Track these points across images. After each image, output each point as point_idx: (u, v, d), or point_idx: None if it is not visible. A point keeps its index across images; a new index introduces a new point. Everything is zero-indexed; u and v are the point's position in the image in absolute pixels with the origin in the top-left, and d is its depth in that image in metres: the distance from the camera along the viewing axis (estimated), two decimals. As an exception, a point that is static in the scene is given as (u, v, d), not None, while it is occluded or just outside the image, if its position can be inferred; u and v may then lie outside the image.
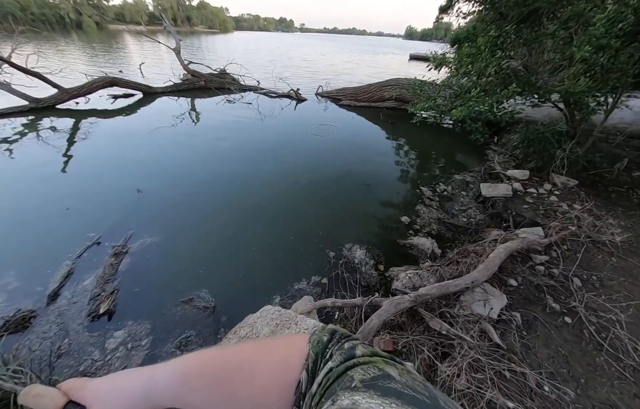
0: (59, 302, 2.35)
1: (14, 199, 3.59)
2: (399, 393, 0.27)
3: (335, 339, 0.37)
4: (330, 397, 0.29)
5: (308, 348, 0.36)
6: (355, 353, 0.34)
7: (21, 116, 6.48)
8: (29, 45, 8.47)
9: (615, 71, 3.07)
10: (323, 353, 0.35)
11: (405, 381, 0.29)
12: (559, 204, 3.50)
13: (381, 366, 0.31)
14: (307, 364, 0.35)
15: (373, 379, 0.29)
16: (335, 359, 0.34)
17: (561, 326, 2.07)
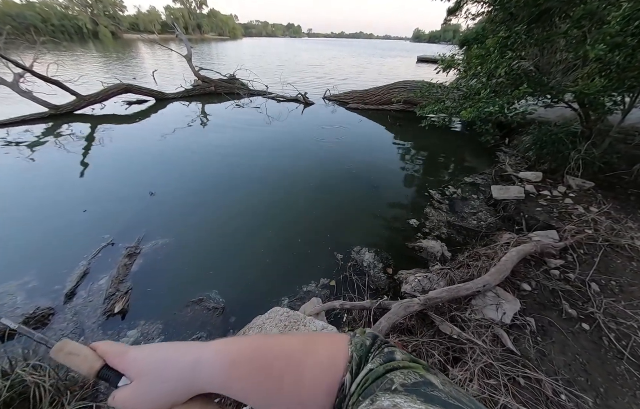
0: (76, 301, 2.43)
1: (35, 202, 3.75)
2: (443, 402, 0.26)
3: (377, 344, 0.37)
4: (369, 397, 0.28)
5: (351, 350, 0.36)
6: (395, 357, 0.33)
7: (42, 122, 6.77)
8: (49, 55, 8.88)
9: (632, 70, 2.98)
10: (366, 357, 0.35)
11: (449, 391, 0.27)
12: (575, 207, 3.39)
13: (422, 373, 0.30)
14: (351, 366, 0.34)
15: (415, 385, 0.28)
16: (374, 361, 0.33)
17: (578, 333, 2.00)
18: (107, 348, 0.40)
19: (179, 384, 0.36)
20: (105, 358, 0.39)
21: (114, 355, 0.39)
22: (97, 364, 0.39)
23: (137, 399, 0.36)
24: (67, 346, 0.39)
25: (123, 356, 0.39)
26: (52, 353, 0.39)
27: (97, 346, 0.40)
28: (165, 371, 0.37)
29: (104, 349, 0.40)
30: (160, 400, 0.37)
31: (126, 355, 0.39)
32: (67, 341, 0.40)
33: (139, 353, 0.39)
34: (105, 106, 8.15)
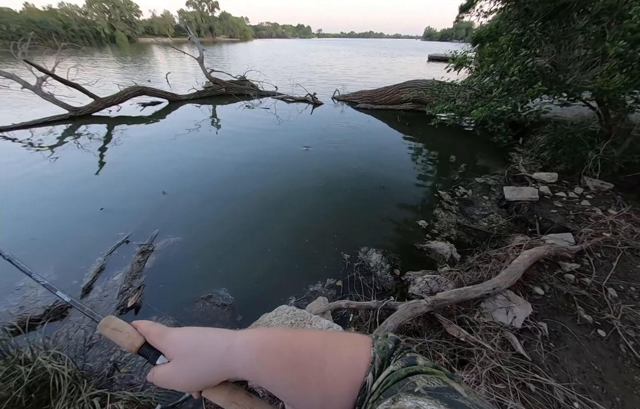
0: (92, 295, 2.54)
1: (55, 199, 3.93)
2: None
3: (399, 348, 0.38)
4: (391, 396, 0.29)
5: (373, 352, 0.36)
6: (417, 362, 0.34)
7: (62, 124, 7.09)
8: (69, 59, 9.29)
9: (656, 66, 2.84)
10: (388, 360, 0.35)
11: (474, 400, 0.27)
12: (592, 209, 3.27)
13: (445, 380, 0.30)
14: (373, 367, 0.35)
15: (438, 390, 0.28)
16: (396, 364, 0.34)
17: (594, 339, 1.93)
18: (148, 327, 0.43)
19: (213, 367, 0.39)
20: (146, 337, 0.43)
21: (155, 335, 0.42)
22: (138, 342, 0.42)
23: (174, 377, 0.40)
24: (113, 323, 0.43)
25: (163, 336, 0.42)
26: (99, 327, 0.43)
27: (138, 324, 0.44)
28: (201, 354, 0.39)
29: (145, 328, 0.43)
30: (195, 380, 0.40)
31: (166, 336, 0.42)
32: (113, 317, 0.44)
33: (177, 335, 0.42)
34: (121, 108, 8.43)
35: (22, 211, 3.68)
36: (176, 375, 0.40)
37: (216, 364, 0.39)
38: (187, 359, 0.40)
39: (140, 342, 0.42)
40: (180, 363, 0.40)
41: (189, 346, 0.40)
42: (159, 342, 0.42)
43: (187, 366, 0.39)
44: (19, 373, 1.37)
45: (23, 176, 4.56)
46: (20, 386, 1.35)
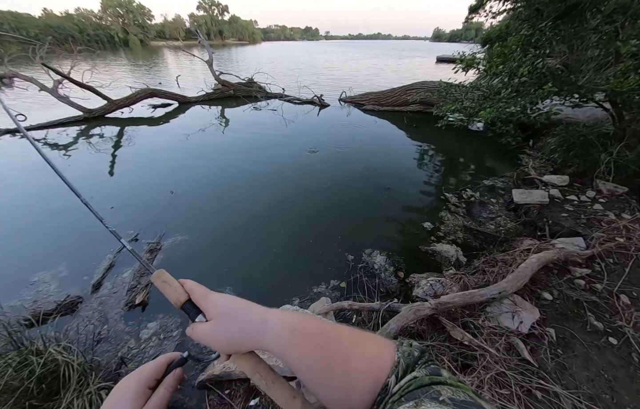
0: (102, 291, 2.61)
1: (69, 198, 4.04)
2: None
3: (425, 358, 0.38)
4: (413, 399, 0.29)
5: (398, 356, 0.37)
6: (442, 373, 0.34)
7: (76, 125, 7.32)
8: (84, 62, 9.58)
9: (672, 66, 2.75)
10: (413, 367, 0.36)
11: None
12: (605, 213, 3.17)
13: (472, 395, 0.29)
14: (397, 370, 0.35)
15: (464, 403, 0.27)
16: (420, 371, 0.34)
17: (604, 347, 1.87)
18: (193, 286, 0.47)
19: (247, 335, 0.42)
20: (190, 294, 0.46)
21: (198, 294, 0.46)
22: (183, 298, 0.46)
23: (211, 335, 0.43)
24: (164, 276, 0.47)
25: (205, 297, 0.46)
26: (152, 278, 0.47)
27: (184, 282, 0.47)
28: (238, 321, 0.42)
29: (190, 286, 0.47)
30: (229, 342, 0.43)
31: (208, 297, 0.46)
32: (164, 271, 0.48)
33: (218, 298, 0.45)
34: (133, 109, 8.65)
35: (37, 208, 3.81)
36: (213, 334, 0.43)
37: (250, 333, 0.41)
38: (225, 323, 0.43)
39: (185, 298, 0.46)
40: (219, 325, 0.43)
41: (228, 311, 0.43)
42: (202, 301, 0.45)
43: (225, 328, 0.42)
44: (31, 364, 1.43)
45: (36, 174, 4.73)
46: (32, 377, 1.41)
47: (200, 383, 1.89)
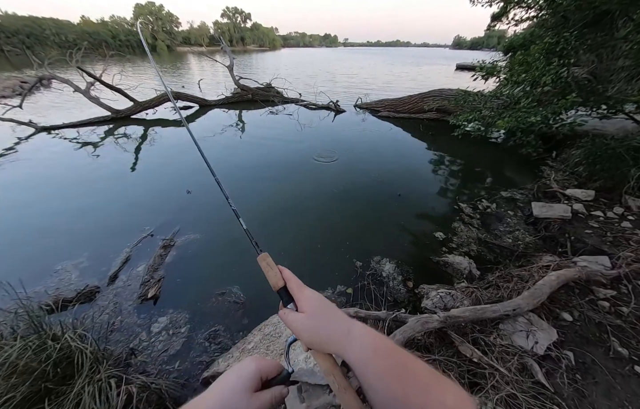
0: (117, 283, 2.73)
1: (93, 193, 4.29)
2: None
3: None
4: None
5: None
6: None
7: (104, 125, 7.78)
8: (115, 66, 10.22)
9: None
10: None
11: None
12: (634, 232, 2.96)
13: None
14: None
15: None
16: None
17: (629, 376, 1.73)
18: (290, 276, 0.52)
19: (332, 340, 0.44)
20: (287, 282, 0.51)
21: (294, 285, 0.51)
22: (280, 283, 0.51)
23: (302, 327, 0.46)
24: (268, 259, 0.54)
25: (301, 290, 0.50)
26: (259, 258, 0.54)
27: (282, 269, 0.53)
28: (327, 323, 0.46)
29: (288, 275, 0.52)
30: (315, 340, 0.46)
31: (303, 291, 0.50)
32: (268, 255, 0.54)
33: (312, 295, 0.49)
34: (157, 111, 9.08)
35: (63, 200, 4.06)
36: (304, 327, 0.46)
37: (334, 339, 0.44)
38: (315, 321, 0.46)
39: (282, 284, 0.51)
40: (310, 321, 0.46)
41: (320, 312, 0.47)
42: (296, 292, 0.50)
43: (314, 326, 0.46)
44: (49, 348, 1.51)
45: (67, 169, 5.05)
46: (49, 360, 1.49)
47: (204, 380, 1.93)
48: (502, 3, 5.26)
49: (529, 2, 4.79)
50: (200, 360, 2.12)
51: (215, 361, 1.99)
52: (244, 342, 2.05)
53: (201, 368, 2.06)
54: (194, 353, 2.18)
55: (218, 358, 2.01)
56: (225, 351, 2.11)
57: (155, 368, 2.05)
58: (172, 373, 2.03)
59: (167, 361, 2.12)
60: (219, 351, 2.17)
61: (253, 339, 2.02)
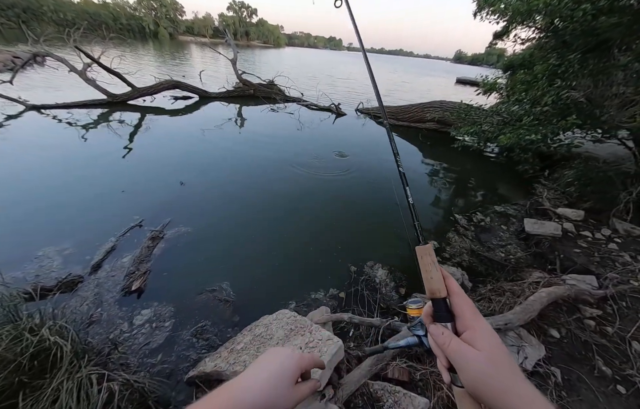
0: (100, 274, 2.62)
1: (84, 177, 4.16)
2: None
3: None
4: None
5: None
6: None
7: (100, 108, 7.58)
8: (115, 49, 10.00)
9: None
10: None
11: None
12: (620, 254, 3.03)
13: None
14: None
15: None
16: None
17: (612, 395, 1.76)
18: (457, 288, 0.42)
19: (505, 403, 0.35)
20: (453, 297, 0.42)
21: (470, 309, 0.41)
22: (443, 293, 0.41)
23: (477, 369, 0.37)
24: (433, 255, 0.43)
25: (476, 318, 0.40)
26: (419, 249, 0.44)
27: (447, 276, 0.43)
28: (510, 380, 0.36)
29: (455, 288, 0.42)
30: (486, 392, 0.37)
31: (479, 320, 0.40)
32: (432, 248, 0.43)
33: (490, 332, 0.39)
34: (155, 98, 8.91)
35: (51, 182, 3.93)
36: (478, 366, 0.37)
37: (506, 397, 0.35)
38: (497, 370, 0.36)
39: (445, 294, 0.41)
40: (490, 365, 0.37)
41: (505, 365, 0.37)
42: (471, 319, 0.40)
43: (493, 375, 0.36)
44: (26, 340, 1.43)
45: (55, 150, 4.89)
46: (26, 353, 1.41)
47: (189, 379, 1.87)
48: (506, 23, 5.36)
49: (531, 24, 4.89)
50: (187, 356, 2.06)
51: (202, 360, 1.93)
52: (232, 342, 2.00)
53: (187, 365, 2.00)
54: (179, 348, 2.11)
55: (205, 358, 1.95)
56: (213, 349, 2.05)
57: (137, 360, 1.98)
58: (155, 367, 1.97)
59: (149, 354, 2.05)
60: (206, 349, 2.11)
61: (243, 339, 1.97)
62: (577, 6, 3.24)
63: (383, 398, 1.68)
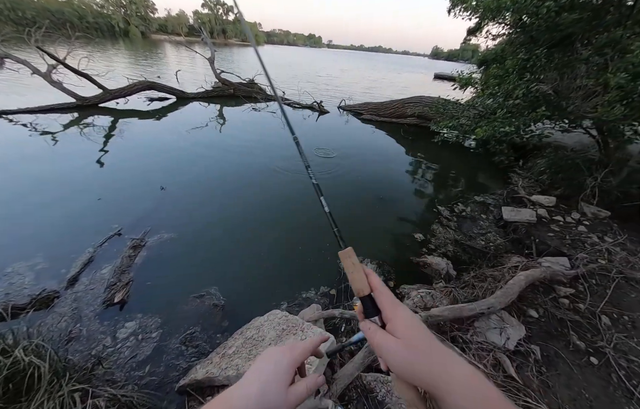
0: (77, 287, 2.48)
1: (53, 187, 3.91)
2: None
3: None
4: None
5: None
6: None
7: (68, 112, 7.13)
8: (82, 49, 9.41)
9: (656, 99, 2.89)
10: None
11: None
12: (588, 235, 3.27)
13: None
14: None
15: None
16: None
17: (585, 367, 1.90)
18: (380, 286, 0.44)
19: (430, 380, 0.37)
20: (376, 293, 0.44)
21: (388, 300, 0.43)
22: (367, 290, 0.44)
23: (396, 357, 0.39)
24: (353, 257, 0.45)
25: (395, 308, 0.42)
26: (341, 254, 0.46)
27: (369, 273, 0.45)
28: (428, 358, 0.38)
29: (376, 284, 0.44)
30: (409, 374, 0.38)
31: (398, 309, 0.42)
32: (352, 251, 0.45)
33: (408, 317, 0.41)
34: (129, 100, 8.50)
35: (18, 193, 3.66)
36: (398, 356, 0.39)
37: (432, 380, 0.37)
38: (414, 353, 0.38)
39: (368, 292, 0.43)
40: (407, 350, 0.39)
41: (421, 346, 0.39)
42: (390, 310, 0.42)
43: (411, 358, 0.38)
44: (-2, 363, 1.33)
45: (22, 159, 4.56)
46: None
47: (180, 388, 1.82)
48: (478, 19, 5.58)
49: (501, 20, 5.12)
50: (176, 365, 2.00)
51: (192, 368, 1.89)
52: (224, 347, 1.96)
53: (177, 374, 1.94)
54: (168, 357, 2.05)
55: (196, 365, 1.91)
56: (204, 356, 2.01)
57: (124, 374, 1.91)
58: (144, 379, 1.90)
59: (137, 367, 1.97)
60: (196, 356, 2.06)
61: (234, 343, 1.95)
62: (541, 3, 3.45)
63: (376, 388, 1.71)
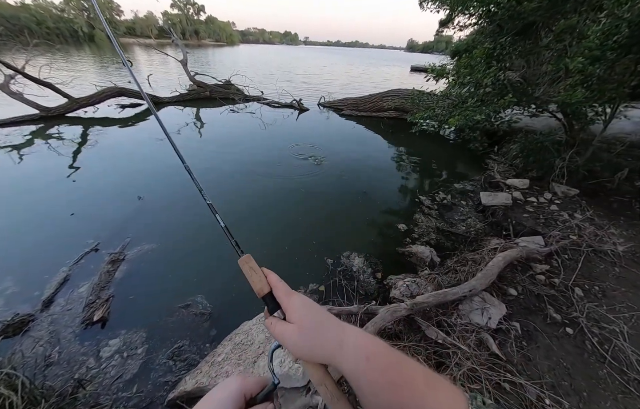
0: (53, 309, 2.35)
1: (19, 205, 3.66)
2: None
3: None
4: None
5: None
6: None
7: (31, 124, 6.66)
8: (42, 57, 8.82)
9: (612, 82, 3.09)
10: None
11: None
12: (560, 213, 3.47)
13: None
14: None
15: None
16: None
17: (562, 337, 2.02)
18: (277, 282, 0.48)
19: (324, 351, 0.42)
20: (273, 289, 0.47)
21: (282, 292, 0.47)
22: (266, 289, 0.47)
23: (291, 339, 0.44)
24: (251, 262, 0.49)
25: (289, 297, 0.46)
26: (240, 261, 0.49)
27: (268, 273, 0.49)
28: (319, 334, 0.43)
29: (274, 281, 0.48)
30: (306, 351, 0.43)
31: (290, 298, 0.46)
32: (250, 257, 0.49)
33: (300, 303, 0.46)
34: (98, 108, 8.07)
35: (-20, 217, 3.39)
36: (294, 340, 0.43)
37: (327, 352, 0.42)
38: (306, 333, 0.43)
39: (268, 290, 0.47)
40: (300, 333, 0.43)
41: (312, 325, 0.44)
42: (284, 299, 0.46)
43: (305, 338, 0.43)
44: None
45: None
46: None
47: (170, 402, 1.77)
48: (448, 10, 5.73)
49: (470, 11, 5.29)
50: (165, 380, 1.94)
51: (182, 380, 1.84)
52: (213, 354, 1.92)
53: (166, 389, 1.88)
54: (156, 374, 1.98)
55: (185, 376, 1.86)
56: (193, 366, 1.95)
57: (110, 397, 1.82)
58: (131, 399, 1.82)
59: (124, 387, 1.89)
60: (185, 369, 2.00)
61: (223, 350, 1.91)
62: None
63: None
